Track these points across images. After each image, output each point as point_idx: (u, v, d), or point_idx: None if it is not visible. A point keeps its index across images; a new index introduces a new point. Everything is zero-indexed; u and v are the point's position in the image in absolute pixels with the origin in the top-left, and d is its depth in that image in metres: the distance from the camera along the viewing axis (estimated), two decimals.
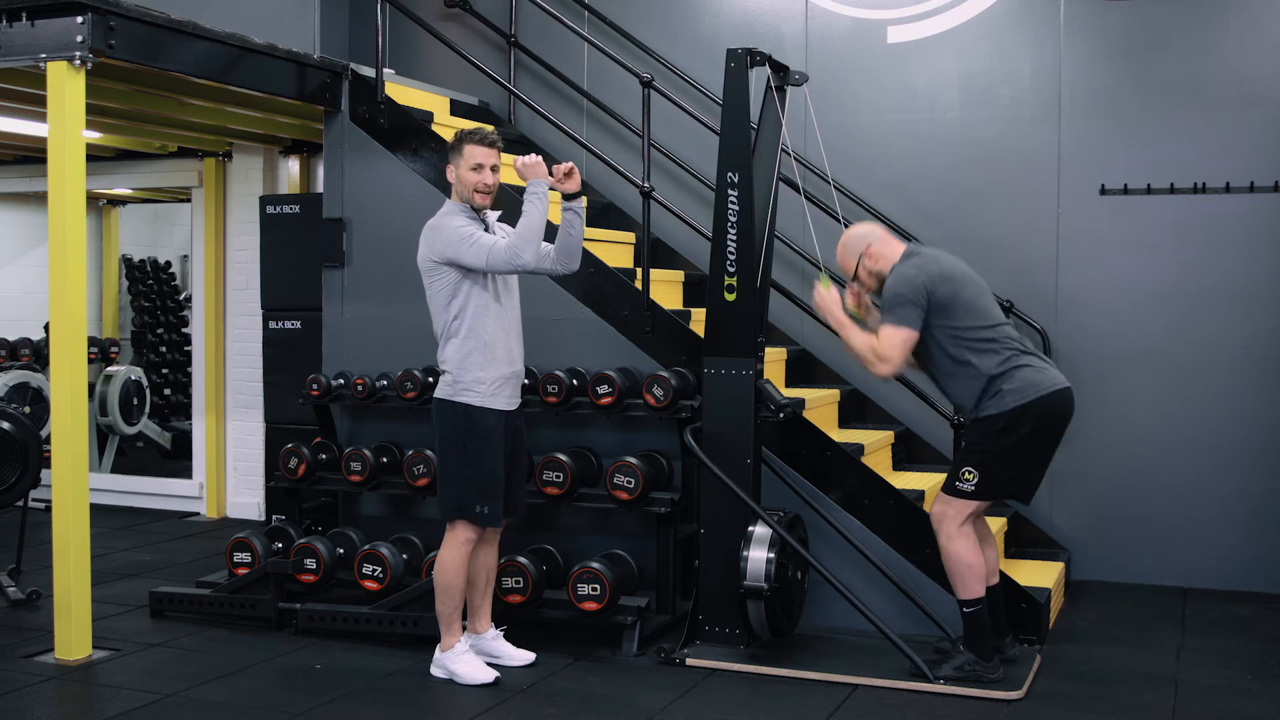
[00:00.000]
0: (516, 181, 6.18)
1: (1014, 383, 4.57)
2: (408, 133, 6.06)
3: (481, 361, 4.63)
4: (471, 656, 4.75)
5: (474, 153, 4.67)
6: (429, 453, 5.49)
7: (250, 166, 8.15)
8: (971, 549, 4.64)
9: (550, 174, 4.69)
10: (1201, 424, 6.24)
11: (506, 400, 4.71)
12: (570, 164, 4.73)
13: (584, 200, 4.89)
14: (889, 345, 4.61)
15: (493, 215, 4.83)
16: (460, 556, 4.70)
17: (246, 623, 5.46)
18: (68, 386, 4.84)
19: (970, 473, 4.62)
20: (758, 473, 5.15)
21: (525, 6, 7.16)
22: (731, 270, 5.10)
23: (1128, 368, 6.34)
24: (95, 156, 8.27)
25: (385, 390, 5.87)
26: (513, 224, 4.68)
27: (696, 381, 5.37)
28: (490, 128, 4.82)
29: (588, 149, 6.52)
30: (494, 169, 4.71)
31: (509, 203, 5.65)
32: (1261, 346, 6.16)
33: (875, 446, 5.93)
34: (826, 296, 4.81)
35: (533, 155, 4.69)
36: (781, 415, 5.10)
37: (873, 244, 4.77)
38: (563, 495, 5.36)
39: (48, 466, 5.08)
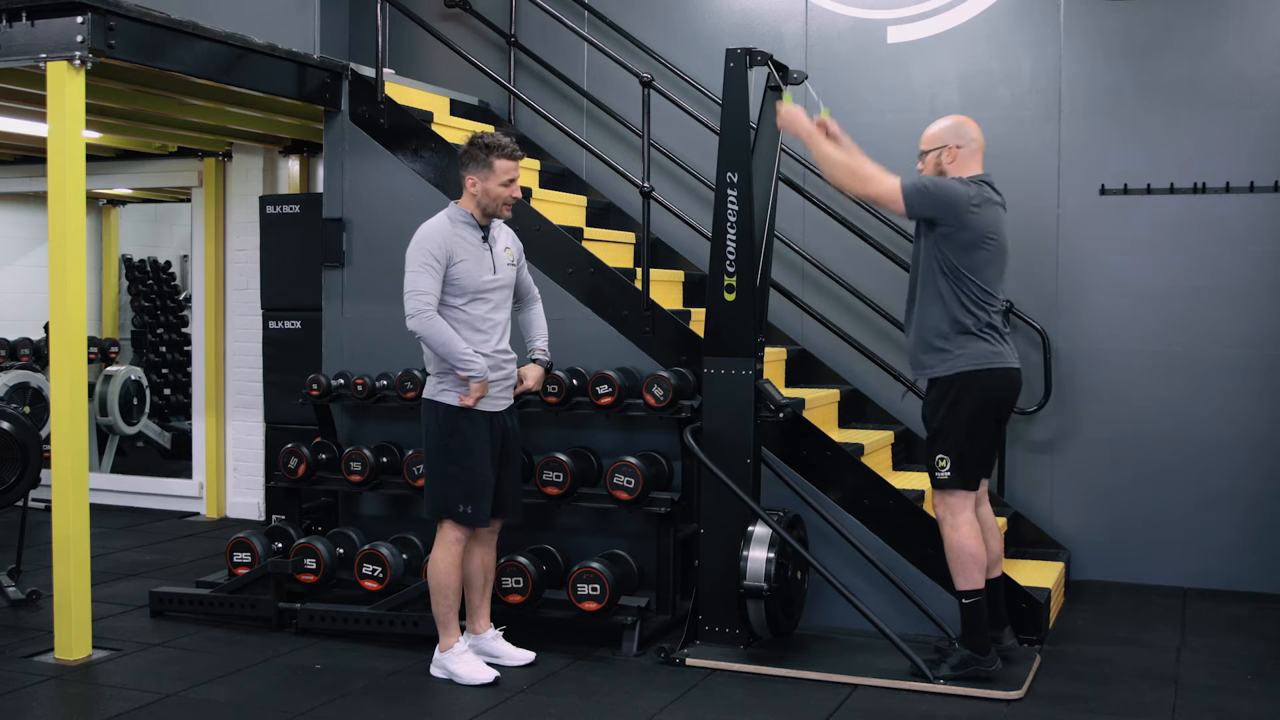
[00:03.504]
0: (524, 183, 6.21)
1: (966, 348, 4.61)
2: (408, 133, 6.06)
3: None
4: (471, 656, 4.75)
5: (506, 168, 4.68)
6: None
7: (250, 166, 8.15)
8: (974, 538, 4.65)
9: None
10: (1201, 423, 6.24)
11: (489, 401, 4.70)
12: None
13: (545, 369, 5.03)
14: (875, 182, 4.58)
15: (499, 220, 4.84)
16: (451, 556, 4.70)
17: (246, 623, 5.46)
18: (68, 386, 4.85)
19: (942, 460, 4.66)
20: (758, 473, 5.15)
21: (525, 6, 7.16)
22: (731, 270, 5.10)
23: (1127, 367, 6.34)
24: (95, 156, 8.27)
25: (385, 390, 5.87)
26: (521, 234, 4.68)
27: (696, 381, 5.36)
28: (511, 140, 4.79)
29: (588, 149, 6.52)
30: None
31: (517, 209, 5.65)
32: (1261, 346, 6.16)
33: (875, 446, 5.93)
34: (790, 109, 4.76)
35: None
36: (781, 415, 5.10)
37: (962, 147, 4.75)
38: (563, 495, 5.35)
39: (48, 466, 5.08)
